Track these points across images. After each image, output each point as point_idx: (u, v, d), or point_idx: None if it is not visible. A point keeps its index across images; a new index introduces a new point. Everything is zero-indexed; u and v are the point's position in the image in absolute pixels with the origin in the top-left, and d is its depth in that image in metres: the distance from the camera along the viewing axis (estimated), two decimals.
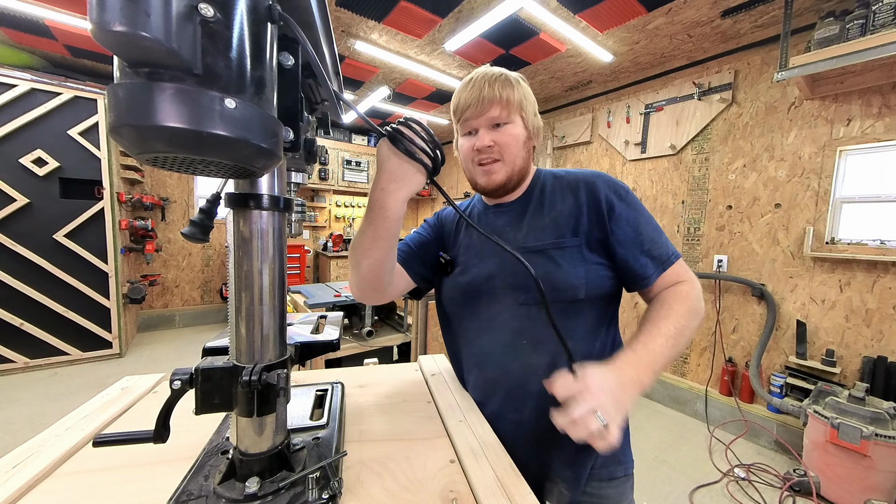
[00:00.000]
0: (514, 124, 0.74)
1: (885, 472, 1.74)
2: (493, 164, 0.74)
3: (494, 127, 0.73)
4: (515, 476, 0.56)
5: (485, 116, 0.72)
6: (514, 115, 0.73)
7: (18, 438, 2.18)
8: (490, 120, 0.73)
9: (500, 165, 0.74)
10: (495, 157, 0.74)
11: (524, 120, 0.75)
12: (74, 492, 0.51)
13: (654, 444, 2.43)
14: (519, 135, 0.74)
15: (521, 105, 0.74)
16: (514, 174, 0.75)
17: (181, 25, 0.28)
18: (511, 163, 0.74)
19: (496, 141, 0.73)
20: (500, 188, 0.76)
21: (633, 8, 2.32)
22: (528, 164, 0.78)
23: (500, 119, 0.73)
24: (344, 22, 2.66)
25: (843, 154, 2.25)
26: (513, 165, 0.75)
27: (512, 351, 0.73)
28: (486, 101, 0.71)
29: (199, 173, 0.39)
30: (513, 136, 0.73)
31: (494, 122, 0.73)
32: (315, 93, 0.56)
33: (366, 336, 2.22)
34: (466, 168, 0.79)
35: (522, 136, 0.75)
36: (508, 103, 0.72)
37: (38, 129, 2.97)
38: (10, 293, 2.96)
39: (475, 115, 0.73)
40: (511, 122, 0.73)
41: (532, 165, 0.82)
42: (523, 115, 0.75)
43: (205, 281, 4.71)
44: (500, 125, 0.73)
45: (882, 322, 2.08)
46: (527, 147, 0.76)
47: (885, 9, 1.80)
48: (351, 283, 0.76)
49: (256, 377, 0.43)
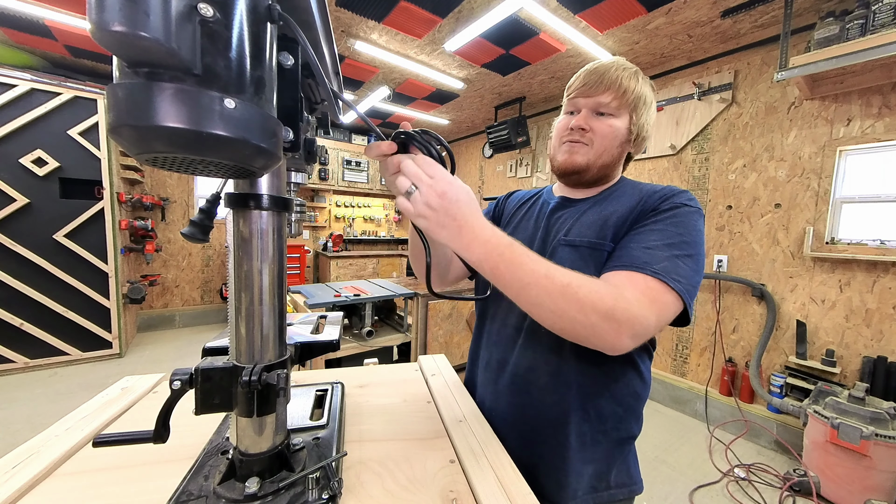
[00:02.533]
0: (619, 119, 0.69)
1: (885, 472, 1.74)
2: (579, 146, 0.71)
3: (598, 115, 0.70)
4: (515, 476, 0.56)
5: (593, 99, 0.69)
6: (623, 110, 0.69)
7: (18, 438, 2.18)
8: (597, 105, 0.69)
9: (585, 149, 0.71)
10: (584, 142, 0.70)
11: (631, 119, 0.70)
12: (74, 492, 0.51)
13: (654, 444, 2.42)
14: (619, 130, 0.70)
15: (636, 104, 0.69)
16: (595, 165, 0.71)
17: (181, 25, 0.28)
18: (598, 153, 0.70)
19: (593, 127, 0.69)
20: (576, 172, 0.72)
21: (633, 8, 2.33)
22: (614, 164, 0.73)
23: (607, 108, 0.69)
24: (344, 22, 2.66)
25: (843, 154, 2.25)
26: (599, 156, 0.70)
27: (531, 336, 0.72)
28: (601, 84, 0.68)
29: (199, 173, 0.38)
30: (611, 129, 0.69)
31: (600, 108, 0.69)
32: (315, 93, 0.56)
33: (366, 336, 2.22)
34: (553, 145, 0.76)
35: (622, 134, 0.70)
36: (623, 95, 0.68)
37: (38, 129, 2.97)
38: (10, 293, 2.96)
39: (584, 94, 0.70)
40: (616, 116, 0.69)
41: (619, 170, 0.77)
42: (633, 114, 0.70)
43: (205, 281, 4.71)
44: (604, 114, 0.69)
45: (882, 322, 2.08)
46: (622, 147, 0.72)
47: (884, 9, 1.80)
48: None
49: (256, 377, 0.43)
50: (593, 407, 0.68)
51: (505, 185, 4.95)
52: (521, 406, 0.72)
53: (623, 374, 0.69)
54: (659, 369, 3.12)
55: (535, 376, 0.70)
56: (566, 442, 0.68)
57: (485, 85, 3.74)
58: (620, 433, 0.70)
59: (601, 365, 0.67)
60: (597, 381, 0.68)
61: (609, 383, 0.68)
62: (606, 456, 0.69)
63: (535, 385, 0.71)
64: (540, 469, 0.69)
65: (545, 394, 0.69)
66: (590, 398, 0.68)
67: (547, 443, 0.69)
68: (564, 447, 0.68)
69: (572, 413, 0.68)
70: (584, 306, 0.51)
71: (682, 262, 0.57)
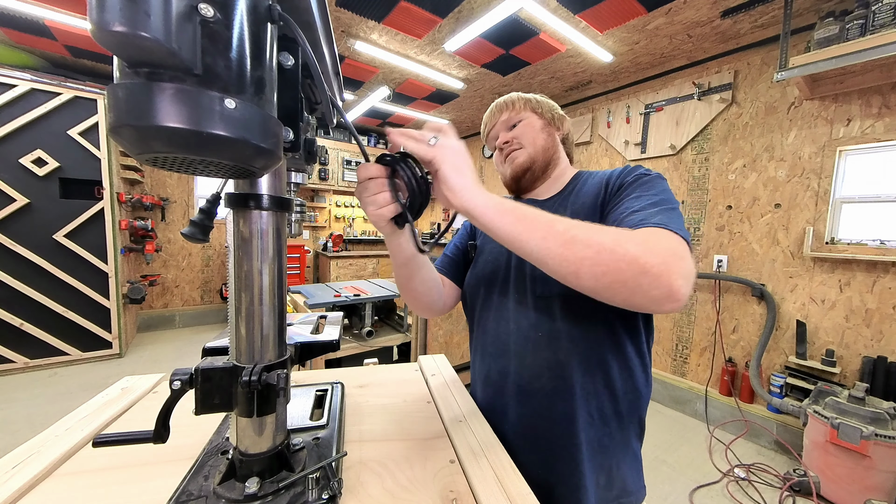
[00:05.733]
0: (528, 118, 0.80)
1: (885, 472, 1.74)
2: (515, 151, 0.80)
3: (510, 128, 0.81)
4: (515, 476, 0.56)
5: (499, 122, 0.81)
6: (525, 111, 0.80)
7: (18, 438, 2.18)
8: (504, 124, 0.81)
9: (520, 150, 0.79)
10: (514, 147, 0.80)
11: (537, 113, 0.80)
12: (74, 492, 0.51)
13: (654, 444, 2.42)
14: (532, 123, 0.79)
15: (531, 104, 0.80)
16: (536, 156, 0.79)
17: (181, 25, 0.28)
18: (531, 145, 0.78)
19: (514, 135, 0.80)
20: (526, 171, 0.79)
21: (633, 8, 2.33)
22: (552, 149, 0.81)
23: (512, 120, 0.80)
24: (344, 22, 2.66)
25: (843, 154, 2.25)
26: (533, 147, 0.78)
27: (526, 343, 0.71)
28: (496, 113, 0.82)
29: (199, 173, 0.39)
30: (528, 125, 0.79)
31: (508, 124, 0.81)
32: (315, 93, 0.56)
33: (366, 336, 2.22)
34: (501, 173, 0.85)
35: (538, 124, 0.80)
36: (514, 105, 0.80)
37: (38, 129, 2.97)
38: (10, 293, 2.96)
39: (490, 127, 0.83)
40: (524, 119, 0.80)
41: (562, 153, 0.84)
42: (536, 109, 0.80)
43: (205, 281, 4.71)
44: (514, 125, 0.80)
45: (882, 322, 2.08)
46: (546, 132, 0.80)
47: (884, 9, 1.80)
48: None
49: (256, 377, 0.43)
50: (597, 409, 0.67)
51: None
52: (530, 416, 0.70)
53: (622, 374, 0.68)
54: (659, 369, 3.11)
55: (540, 384, 0.69)
56: (579, 450, 0.67)
57: (485, 85, 3.74)
58: (625, 434, 0.69)
59: (601, 364, 0.67)
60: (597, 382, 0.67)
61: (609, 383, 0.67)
62: (615, 461, 0.69)
63: (541, 391, 0.69)
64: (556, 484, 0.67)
65: (552, 400, 0.68)
66: (592, 398, 0.67)
67: (561, 455, 0.68)
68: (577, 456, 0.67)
69: (579, 417, 0.66)
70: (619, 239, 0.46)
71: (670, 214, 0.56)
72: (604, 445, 0.68)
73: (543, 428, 0.69)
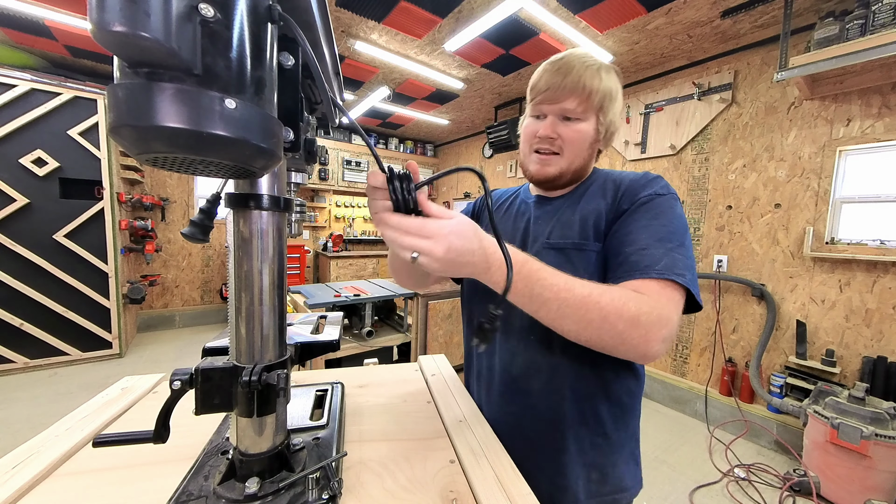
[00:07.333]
0: (587, 122, 0.68)
1: (885, 472, 1.74)
2: (550, 157, 0.70)
3: (564, 119, 0.68)
4: (515, 476, 0.56)
5: (558, 105, 0.67)
6: (590, 112, 0.68)
7: (18, 438, 2.18)
8: (562, 111, 0.67)
9: (556, 159, 0.70)
10: (554, 151, 0.70)
11: (598, 120, 0.69)
12: (74, 492, 0.51)
13: (654, 444, 2.42)
14: (587, 134, 0.69)
15: (602, 104, 0.68)
16: (568, 172, 0.71)
17: (181, 25, 0.28)
18: (569, 160, 0.70)
19: (560, 134, 0.68)
20: (550, 182, 0.72)
21: (633, 8, 2.33)
22: (587, 165, 0.73)
23: (572, 113, 0.67)
24: (344, 22, 2.66)
25: (843, 154, 2.25)
26: (570, 163, 0.70)
27: (519, 346, 0.71)
28: (564, 90, 0.66)
29: (199, 173, 0.38)
30: (579, 134, 0.68)
31: (566, 114, 0.68)
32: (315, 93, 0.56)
33: (366, 336, 2.22)
34: (523, 150, 0.75)
35: (590, 137, 0.69)
36: (588, 98, 0.66)
37: (38, 129, 2.97)
38: (10, 293, 2.96)
39: (548, 101, 0.68)
40: (583, 120, 0.68)
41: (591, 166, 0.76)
42: (600, 115, 0.69)
43: (205, 281, 4.71)
44: (570, 119, 0.68)
45: (882, 322, 2.08)
46: (592, 148, 0.71)
47: (884, 9, 1.80)
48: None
49: (256, 377, 0.43)
50: (590, 409, 0.68)
51: (505, 185, 4.95)
52: (517, 414, 0.72)
53: (615, 374, 0.69)
54: (659, 369, 3.11)
55: (529, 383, 0.70)
56: (564, 447, 0.68)
57: (485, 85, 3.74)
58: (620, 433, 0.70)
59: (594, 366, 0.67)
60: (590, 383, 0.67)
61: (603, 384, 0.68)
62: (608, 458, 0.69)
63: (529, 391, 0.70)
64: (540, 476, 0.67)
65: (540, 399, 0.69)
66: (585, 401, 0.68)
67: (545, 451, 0.69)
68: (563, 452, 0.68)
69: (568, 418, 0.67)
70: (609, 315, 0.51)
71: (676, 254, 0.58)
72: (596, 444, 0.68)
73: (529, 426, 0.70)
